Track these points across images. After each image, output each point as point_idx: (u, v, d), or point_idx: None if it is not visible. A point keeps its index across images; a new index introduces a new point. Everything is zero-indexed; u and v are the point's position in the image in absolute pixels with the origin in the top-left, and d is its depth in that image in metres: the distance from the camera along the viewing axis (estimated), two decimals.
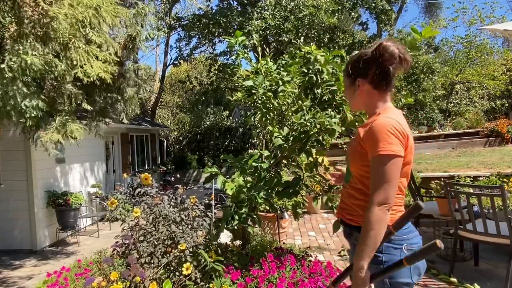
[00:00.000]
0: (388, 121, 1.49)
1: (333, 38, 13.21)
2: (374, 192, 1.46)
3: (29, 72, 3.31)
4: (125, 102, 5.21)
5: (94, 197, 7.62)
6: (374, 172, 1.48)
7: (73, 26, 3.48)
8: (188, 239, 2.87)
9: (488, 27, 7.00)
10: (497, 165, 7.85)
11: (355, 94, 1.66)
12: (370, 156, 1.50)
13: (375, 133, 1.48)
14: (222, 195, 6.89)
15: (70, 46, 3.63)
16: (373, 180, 1.48)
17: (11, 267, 5.18)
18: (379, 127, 1.48)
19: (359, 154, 1.57)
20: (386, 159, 1.44)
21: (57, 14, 3.29)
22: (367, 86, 1.61)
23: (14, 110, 3.46)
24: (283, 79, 3.10)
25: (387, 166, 1.44)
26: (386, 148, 1.44)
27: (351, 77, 1.66)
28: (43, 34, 3.41)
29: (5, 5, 3.38)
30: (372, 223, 1.43)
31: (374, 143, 1.47)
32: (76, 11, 3.45)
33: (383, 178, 1.45)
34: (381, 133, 1.46)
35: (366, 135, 1.53)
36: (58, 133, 3.93)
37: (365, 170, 1.56)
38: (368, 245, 1.44)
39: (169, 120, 22.88)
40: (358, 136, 1.61)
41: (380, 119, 1.52)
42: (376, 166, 1.47)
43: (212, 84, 15.17)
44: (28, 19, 3.29)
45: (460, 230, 3.75)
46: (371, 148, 1.49)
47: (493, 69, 15.78)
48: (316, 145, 2.99)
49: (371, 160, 1.49)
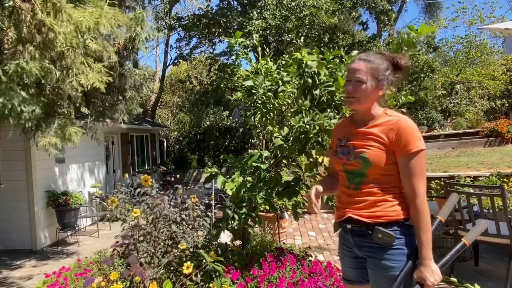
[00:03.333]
0: (410, 120, 1.63)
1: (333, 38, 13.21)
2: (418, 186, 1.58)
3: (26, 77, 3.30)
4: (126, 102, 5.20)
5: (94, 197, 7.62)
6: (413, 168, 1.58)
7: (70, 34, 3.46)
8: (189, 239, 2.87)
9: (488, 27, 7.01)
10: (497, 165, 7.85)
11: (373, 97, 1.67)
12: (407, 154, 1.58)
13: (408, 133, 1.59)
14: (222, 195, 6.89)
15: (67, 55, 3.62)
16: (413, 175, 1.59)
17: (11, 267, 5.18)
18: (409, 126, 1.60)
19: (385, 155, 1.62)
20: (420, 154, 1.58)
21: (53, 26, 3.28)
22: (383, 92, 1.70)
23: (11, 114, 3.45)
24: (283, 79, 3.09)
25: (423, 161, 1.59)
26: (420, 144, 1.58)
27: (379, 82, 1.66)
28: (40, 41, 3.40)
29: (4, 11, 3.37)
30: (426, 214, 1.57)
31: (408, 142, 1.58)
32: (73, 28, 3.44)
33: (422, 172, 1.60)
34: (414, 131, 1.59)
35: (395, 136, 1.61)
36: (57, 136, 3.92)
37: (389, 168, 1.64)
38: (429, 236, 1.56)
39: (169, 120, 22.88)
40: (377, 138, 1.64)
41: (404, 119, 1.63)
42: (415, 161, 1.58)
43: (212, 84, 15.16)
44: (26, 25, 3.28)
45: (460, 230, 3.75)
46: (404, 147, 1.58)
47: (493, 69, 15.78)
48: (315, 146, 2.99)
49: (406, 158, 1.59)
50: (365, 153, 1.65)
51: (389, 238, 1.60)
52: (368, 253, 1.70)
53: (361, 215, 1.68)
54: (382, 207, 1.64)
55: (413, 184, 1.58)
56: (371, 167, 1.64)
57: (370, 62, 1.65)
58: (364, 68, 1.63)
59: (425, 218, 1.56)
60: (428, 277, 1.53)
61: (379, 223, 1.63)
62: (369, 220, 1.65)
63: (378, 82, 1.66)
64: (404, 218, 1.64)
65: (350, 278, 1.86)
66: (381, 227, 1.62)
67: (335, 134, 1.90)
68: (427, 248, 1.55)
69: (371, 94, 1.66)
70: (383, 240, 1.61)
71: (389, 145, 1.61)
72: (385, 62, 1.68)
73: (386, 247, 1.63)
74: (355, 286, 1.85)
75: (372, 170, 1.65)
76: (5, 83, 3.29)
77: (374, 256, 1.67)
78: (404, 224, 1.64)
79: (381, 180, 1.65)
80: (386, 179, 1.65)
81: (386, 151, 1.62)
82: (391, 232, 1.60)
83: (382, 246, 1.63)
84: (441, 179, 6.03)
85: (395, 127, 1.61)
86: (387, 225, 1.62)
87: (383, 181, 1.65)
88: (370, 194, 1.67)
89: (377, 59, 1.67)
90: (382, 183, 1.65)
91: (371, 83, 1.65)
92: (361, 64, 1.65)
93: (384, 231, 1.61)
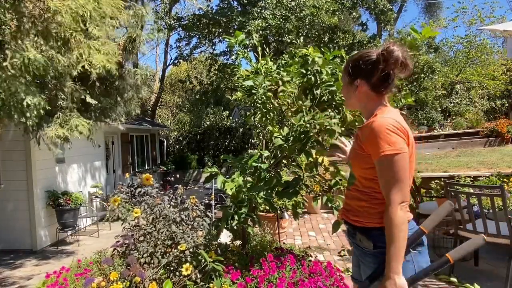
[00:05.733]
0: (386, 120, 1.49)
1: (333, 38, 13.20)
2: (390, 193, 1.44)
3: (32, 68, 3.29)
4: (125, 103, 5.20)
5: (94, 197, 7.62)
6: (384, 173, 1.47)
7: (74, 20, 3.46)
8: (188, 239, 2.87)
9: (488, 27, 7.01)
10: (497, 165, 7.85)
11: (352, 93, 1.64)
12: (376, 158, 1.48)
13: (375, 135, 1.47)
14: (222, 195, 6.89)
15: (72, 40, 3.62)
16: (385, 181, 1.47)
17: (11, 267, 5.18)
18: (378, 127, 1.47)
19: (360, 157, 1.57)
20: (392, 158, 1.43)
21: (59, 8, 3.27)
22: (366, 87, 1.59)
23: (15, 109, 3.44)
24: (283, 79, 3.09)
25: (396, 165, 1.43)
26: (390, 148, 1.43)
27: (351, 77, 1.62)
28: (44, 29, 3.39)
29: (6, 2, 3.36)
30: (398, 224, 1.42)
31: (376, 144, 1.46)
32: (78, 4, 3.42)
33: (395, 177, 1.44)
34: (382, 133, 1.45)
35: (366, 138, 1.52)
36: (62, 128, 3.93)
37: (368, 172, 1.56)
38: (399, 247, 1.42)
39: (169, 120, 22.88)
40: (357, 139, 1.61)
41: (377, 120, 1.50)
42: (385, 167, 1.46)
43: (212, 84, 15.15)
44: (29, 15, 3.27)
45: (460, 230, 3.75)
46: (374, 150, 1.48)
47: (493, 69, 15.79)
48: (316, 145, 2.99)
49: (378, 162, 1.48)
50: (351, 155, 1.66)
51: (367, 244, 1.58)
52: (357, 255, 1.73)
53: (347, 217, 1.70)
54: (363, 212, 1.61)
55: (386, 191, 1.46)
56: (353, 168, 1.65)
57: (349, 59, 1.64)
58: (343, 69, 1.65)
59: (395, 229, 1.41)
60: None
61: (359, 227, 1.62)
62: (354, 223, 1.66)
63: (351, 78, 1.61)
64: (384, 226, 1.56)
65: (354, 276, 1.87)
66: (361, 231, 1.60)
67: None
68: (394, 261, 1.41)
69: (349, 91, 1.65)
70: (363, 244, 1.61)
71: (364, 147, 1.54)
72: (358, 54, 1.62)
73: (367, 252, 1.61)
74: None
75: (356, 171, 1.64)
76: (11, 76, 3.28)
77: (359, 258, 1.69)
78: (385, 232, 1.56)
79: (364, 184, 1.60)
80: (367, 184, 1.59)
81: (362, 154, 1.56)
82: (369, 240, 1.57)
83: (364, 250, 1.63)
84: (441, 179, 6.03)
85: (369, 128, 1.51)
86: (368, 231, 1.59)
87: (365, 185, 1.60)
88: (355, 198, 1.66)
89: (357, 54, 1.63)
90: (365, 188, 1.60)
91: (345, 80, 1.66)
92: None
93: (362, 236, 1.59)
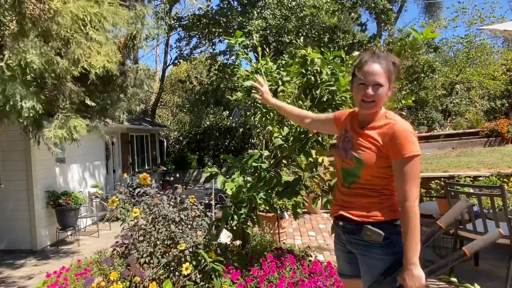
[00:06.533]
0: (407, 124, 1.64)
1: (333, 38, 13.20)
2: (409, 190, 1.57)
3: (29, 71, 3.28)
4: (129, 100, 5.20)
5: (94, 197, 7.62)
6: (405, 172, 1.58)
7: (75, 23, 3.46)
8: (188, 239, 2.87)
9: (488, 27, 7.01)
10: (497, 165, 7.85)
11: (386, 98, 1.70)
12: (398, 159, 1.58)
13: (402, 137, 1.59)
14: (222, 195, 6.89)
15: (72, 41, 3.61)
16: (405, 179, 1.58)
17: (11, 267, 5.18)
18: (403, 131, 1.60)
19: (378, 158, 1.63)
20: (414, 160, 1.57)
21: (60, 8, 3.27)
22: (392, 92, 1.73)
23: (12, 110, 3.43)
24: (283, 79, 3.09)
25: (416, 166, 1.58)
26: (414, 150, 1.57)
27: (390, 83, 1.69)
28: (44, 31, 3.38)
29: (6, 3, 3.35)
30: (415, 219, 1.55)
31: (400, 146, 1.58)
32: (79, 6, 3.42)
33: (415, 177, 1.58)
34: (408, 137, 1.59)
35: (389, 139, 1.61)
36: (61, 129, 3.92)
37: (381, 171, 1.65)
38: (416, 241, 1.54)
39: (169, 120, 22.88)
40: (372, 141, 1.65)
41: (400, 124, 1.63)
42: (407, 167, 1.57)
43: (212, 84, 15.15)
44: (29, 16, 3.26)
45: (460, 230, 3.75)
46: (397, 151, 1.59)
47: (493, 69, 15.79)
48: (316, 145, 2.99)
49: (400, 162, 1.59)
50: (360, 154, 1.67)
51: (377, 236, 1.63)
52: (358, 250, 1.75)
53: (351, 213, 1.73)
54: (372, 207, 1.68)
55: (405, 189, 1.58)
56: (363, 169, 1.67)
57: (385, 64, 1.67)
58: (381, 71, 1.65)
59: (412, 222, 1.55)
60: (407, 280, 1.55)
61: (368, 222, 1.67)
62: (359, 219, 1.69)
63: (390, 84, 1.69)
64: (393, 218, 1.67)
65: (345, 273, 1.91)
66: (369, 225, 1.65)
67: (343, 120, 1.89)
68: (411, 253, 1.54)
69: (385, 97, 1.69)
70: (371, 238, 1.65)
71: (383, 148, 1.63)
72: (391, 63, 1.70)
73: (375, 245, 1.66)
74: (350, 280, 1.89)
75: (365, 171, 1.67)
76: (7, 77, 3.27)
77: (363, 253, 1.72)
78: (393, 224, 1.67)
79: (373, 182, 1.68)
80: (378, 181, 1.68)
81: (380, 154, 1.64)
82: (379, 231, 1.63)
83: (371, 244, 1.67)
84: (441, 179, 6.02)
85: (391, 131, 1.62)
86: (375, 224, 1.65)
87: (374, 183, 1.68)
88: (361, 195, 1.71)
89: (387, 61, 1.69)
90: (374, 185, 1.68)
91: (387, 86, 1.68)
92: (378, 66, 1.65)
93: (372, 229, 1.64)
